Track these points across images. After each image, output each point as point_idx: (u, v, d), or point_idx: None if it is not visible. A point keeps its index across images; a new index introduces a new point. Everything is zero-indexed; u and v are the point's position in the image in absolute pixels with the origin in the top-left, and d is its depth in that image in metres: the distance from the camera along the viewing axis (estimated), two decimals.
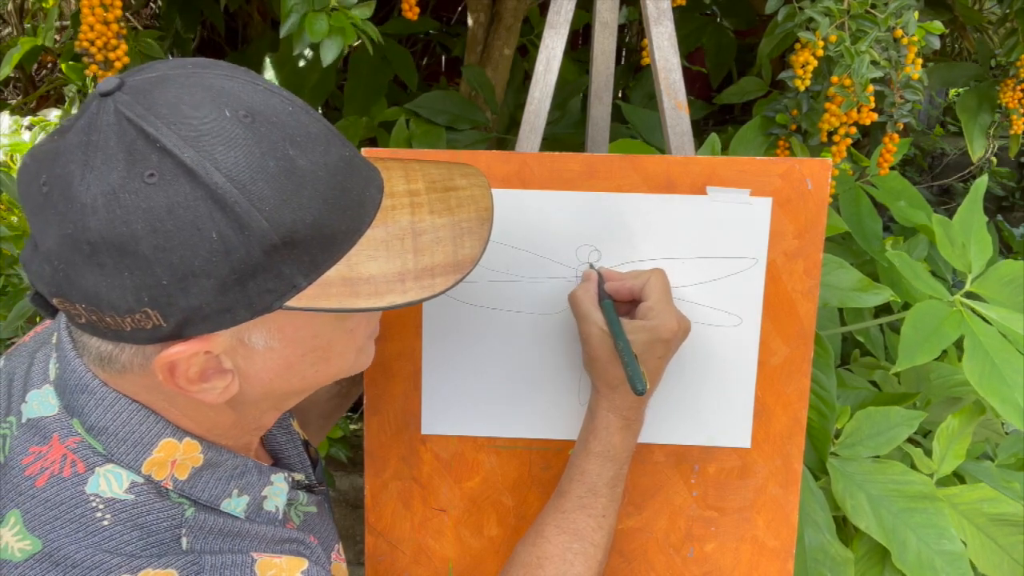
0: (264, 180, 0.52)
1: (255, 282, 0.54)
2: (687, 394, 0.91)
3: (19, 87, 2.67)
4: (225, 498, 0.66)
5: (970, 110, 1.82)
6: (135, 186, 0.51)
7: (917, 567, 1.10)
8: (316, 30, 1.08)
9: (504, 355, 0.91)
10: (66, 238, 0.52)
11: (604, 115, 1.07)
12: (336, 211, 0.56)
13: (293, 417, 0.85)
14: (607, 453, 0.83)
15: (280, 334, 0.59)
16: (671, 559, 0.95)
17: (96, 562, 0.57)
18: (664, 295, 0.83)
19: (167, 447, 0.63)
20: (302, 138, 0.55)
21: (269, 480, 0.70)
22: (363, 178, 0.60)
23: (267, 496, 0.70)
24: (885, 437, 1.18)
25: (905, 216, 1.47)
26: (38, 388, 0.65)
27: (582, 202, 0.88)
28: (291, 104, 0.57)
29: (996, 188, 3.35)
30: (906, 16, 1.21)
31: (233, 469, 0.67)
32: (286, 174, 0.53)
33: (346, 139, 0.61)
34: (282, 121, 0.55)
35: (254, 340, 0.59)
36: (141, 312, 0.53)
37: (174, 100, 0.53)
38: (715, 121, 2.36)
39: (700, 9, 2.10)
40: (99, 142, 0.52)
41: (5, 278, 1.49)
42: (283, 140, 0.54)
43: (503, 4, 1.84)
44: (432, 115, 1.78)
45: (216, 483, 0.66)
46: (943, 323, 1.12)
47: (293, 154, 0.54)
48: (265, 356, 0.60)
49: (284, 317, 0.58)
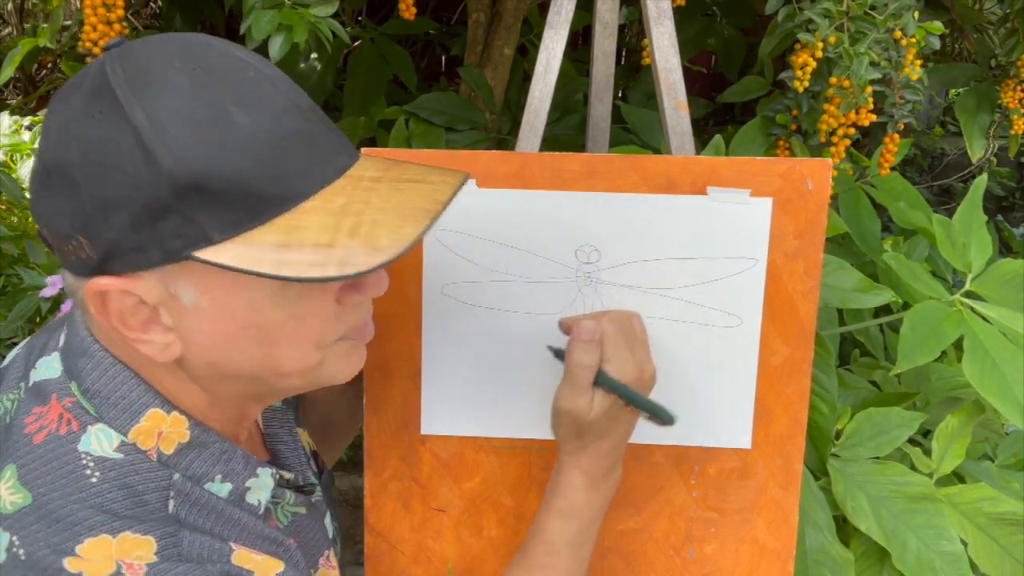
0: (185, 124, 0.55)
1: (165, 224, 0.56)
2: (687, 394, 0.91)
3: (19, 87, 2.67)
4: (208, 480, 0.66)
5: (969, 110, 1.82)
6: (83, 119, 0.56)
7: (917, 568, 1.10)
8: (260, 27, 1.09)
9: (504, 355, 0.91)
10: (35, 162, 0.60)
11: (604, 115, 1.07)
12: (268, 175, 0.56)
13: (301, 425, 0.86)
14: (570, 511, 0.79)
15: (209, 295, 0.59)
16: (671, 560, 0.95)
17: (80, 518, 0.58)
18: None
19: (154, 417, 0.64)
20: (251, 100, 0.57)
21: (255, 472, 0.70)
22: (320, 155, 0.59)
23: (251, 488, 0.69)
24: (886, 438, 1.18)
25: (904, 218, 1.47)
26: (48, 355, 0.67)
27: (582, 202, 0.88)
28: (259, 74, 0.58)
29: (996, 188, 3.35)
30: (905, 17, 1.21)
31: (220, 453, 0.67)
32: (213, 124, 0.55)
33: (323, 120, 0.61)
34: (236, 81, 0.57)
35: (181, 293, 0.59)
36: (76, 239, 0.57)
37: (146, 56, 0.58)
38: (715, 121, 2.36)
39: (701, 10, 2.10)
40: (79, 84, 0.58)
41: (5, 278, 1.49)
42: (227, 96, 0.56)
43: (503, 4, 1.84)
44: (431, 116, 1.78)
45: (201, 463, 0.66)
46: (943, 323, 1.12)
47: (232, 110, 0.56)
48: (198, 317, 0.60)
49: (208, 274, 0.58)
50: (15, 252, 1.50)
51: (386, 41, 2.00)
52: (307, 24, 1.11)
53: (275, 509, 0.74)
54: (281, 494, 0.74)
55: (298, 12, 1.12)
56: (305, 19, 1.11)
